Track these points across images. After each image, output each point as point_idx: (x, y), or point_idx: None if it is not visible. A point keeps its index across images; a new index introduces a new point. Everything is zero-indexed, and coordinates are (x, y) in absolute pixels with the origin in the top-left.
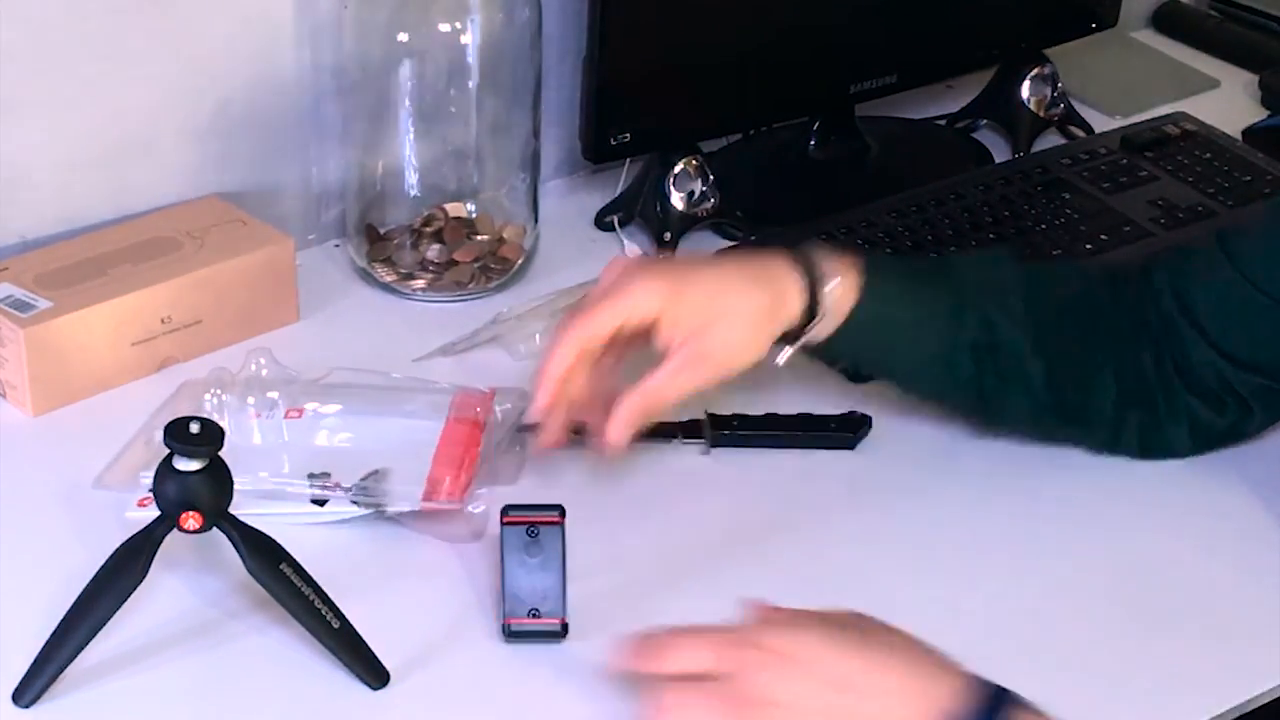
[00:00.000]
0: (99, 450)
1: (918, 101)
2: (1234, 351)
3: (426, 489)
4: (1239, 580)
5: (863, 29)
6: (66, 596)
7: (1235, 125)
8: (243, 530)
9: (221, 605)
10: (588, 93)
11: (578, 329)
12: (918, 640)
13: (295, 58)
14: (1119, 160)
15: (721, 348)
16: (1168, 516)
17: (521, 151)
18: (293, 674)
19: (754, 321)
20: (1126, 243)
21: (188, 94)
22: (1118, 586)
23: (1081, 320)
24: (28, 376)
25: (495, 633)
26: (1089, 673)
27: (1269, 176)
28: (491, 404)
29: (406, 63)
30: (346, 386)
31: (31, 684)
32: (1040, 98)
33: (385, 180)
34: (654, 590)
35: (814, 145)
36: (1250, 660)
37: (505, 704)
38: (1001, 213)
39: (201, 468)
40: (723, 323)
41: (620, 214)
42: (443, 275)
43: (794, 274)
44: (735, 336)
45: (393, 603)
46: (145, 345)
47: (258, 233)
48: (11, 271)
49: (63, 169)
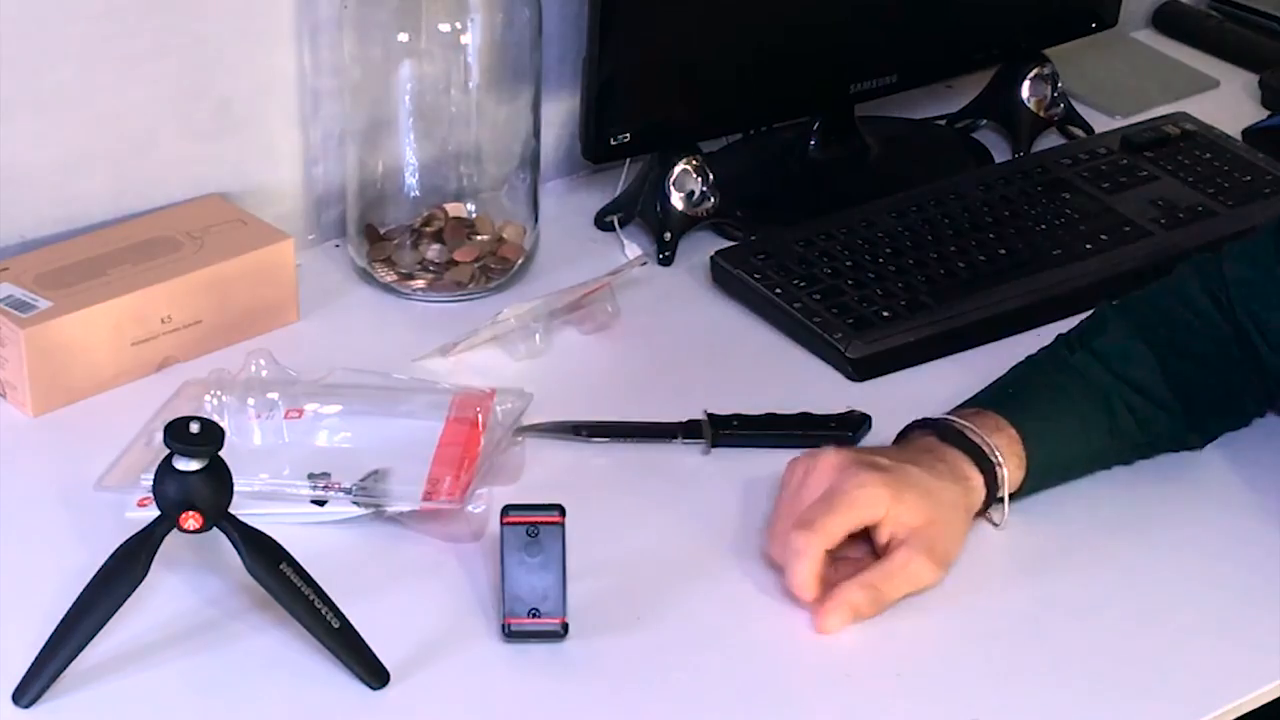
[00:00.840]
0: (99, 450)
1: (918, 101)
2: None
3: (426, 489)
4: (1238, 580)
5: (863, 29)
6: (66, 596)
7: (1235, 125)
8: (243, 530)
9: (221, 605)
10: (588, 93)
11: (818, 539)
12: None
13: (295, 58)
14: (1119, 160)
15: (943, 541)
16: (1167, 516)
17: (521, 151)
18: (293, 674)
19: (960, 515)
20: (1126, 243)
21: (188, 94)
22: (1116, 586)
23: (1212, 361)
24: (28, 376)
25: (495, 633)
26: (1088, 672)
27: (1269, 176)
28: (491, 404)
29: (406, 63)
30: (346, 387)
31: (32, 684)
32: (1040, 98)
33: (385, 180)
34: (654, 590)
35: (814, 145)
36: (1249, 660)
37: (505, 704)
38: (1001, 213)
39: (201, 468)
40: (940, 520)
41: (620, 214)
42: (443, 275)
43: (970, 464)
44: (952, 530)
45: (393, 603)
46: (145, 345)
47: (258, 233)
48: (11, 271)
49: (63, 169)
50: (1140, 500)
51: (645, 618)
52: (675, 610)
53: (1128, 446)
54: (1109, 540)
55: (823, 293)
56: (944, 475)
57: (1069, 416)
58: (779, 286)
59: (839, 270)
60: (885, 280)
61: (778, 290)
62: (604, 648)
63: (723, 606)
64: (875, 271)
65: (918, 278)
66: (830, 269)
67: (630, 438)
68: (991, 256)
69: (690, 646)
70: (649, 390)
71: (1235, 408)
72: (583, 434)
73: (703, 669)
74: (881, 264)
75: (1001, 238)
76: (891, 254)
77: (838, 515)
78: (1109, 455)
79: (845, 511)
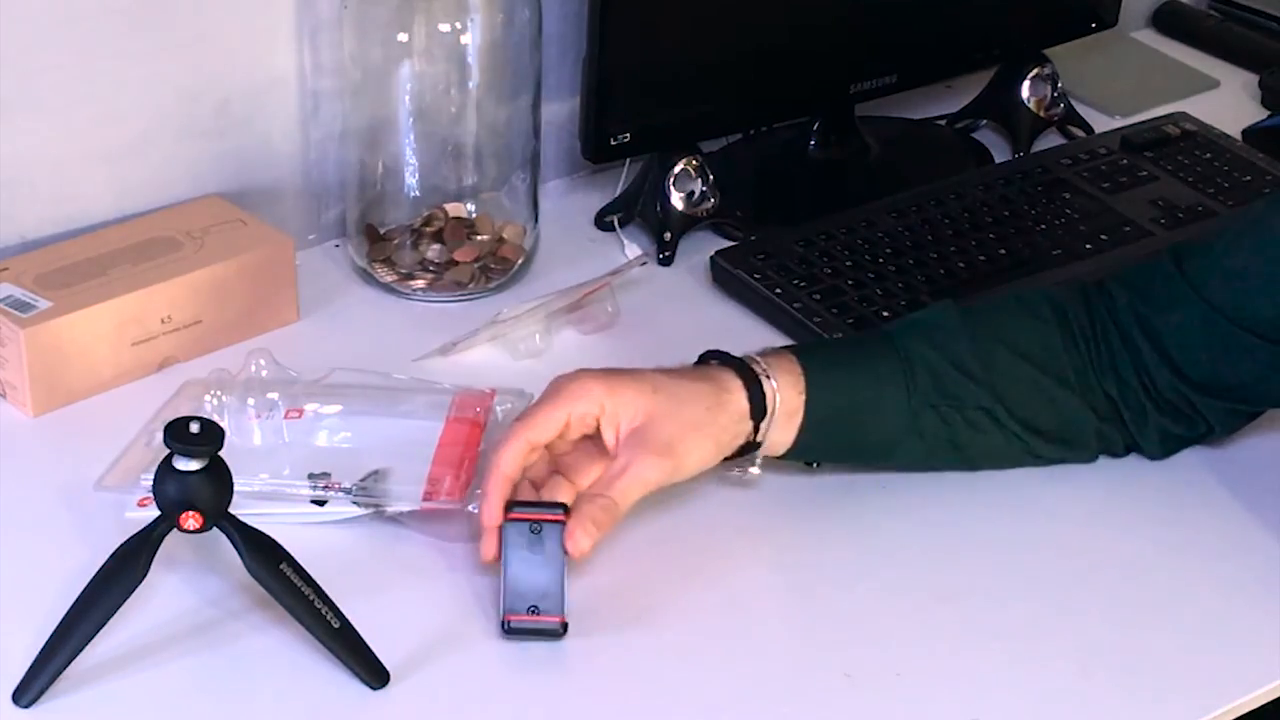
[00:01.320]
0: (99, 450)
1: (918, 101)
2: (1197, 377)
3: (426, 489)
4: (1237, 580)
5: (863, 29)
6: (66, 596)
7: (1235, 125)
8: (243, 530)
9: (221, 605)
10: (588, 93)
11: (523, 431)
12: None
13: (295, 58)
14: (1119, 160)
15: (666, 433)
16: (1165, 516)
17: (521, 151)
18: (293, 674)
19: (698, 411)
20: (1126, 243)
21: (188, 94)
22: (1115, 586)
23: (1035, 358)
24: (28, 376)
25: (495, 632)
26: (1087, 673)
27: (1269, 176)
28: (491, 404)
29: (406, 63)
30: (347, 387)
31: (32, 684)
32: (1040, 98)
33: (385, 180)
34: (654, 590)
35: (814, 145)
36: (1249, 660)
37: (505, 704)
38: (1001, 213)
39: (201, 468)
40: (664, 414)
41: (620, 214)
42: (443, 275)
43: (730, 372)
44: (681, 421)
45: (393, 603)
46: (145, 345)
47: (258, 233)
48: (11, 271)
49: (63, 169)
50: (1140, 499)
51: (645, 618)
52: (675, 610)
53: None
54: (1109, 540)
55: (823, 293)
56: (693, 378)
57: (863, 364)
58: (779, 286)
59: (839, 270)
60: (885, 280)
61: (778, 290)
62: (603, 647)
63: (723, 606)
64: (875, 271)
65: (918, 278)
66: (830, 269)
67: None
68: (991, 256)
69: (690, 646)
70: None
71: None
72: None
73: (702, 669)
74: (881, 264)
75: (1001, 238)
76: (891, 254)
77: (545, 406)
78: (907, 416)
79: (553, 402)
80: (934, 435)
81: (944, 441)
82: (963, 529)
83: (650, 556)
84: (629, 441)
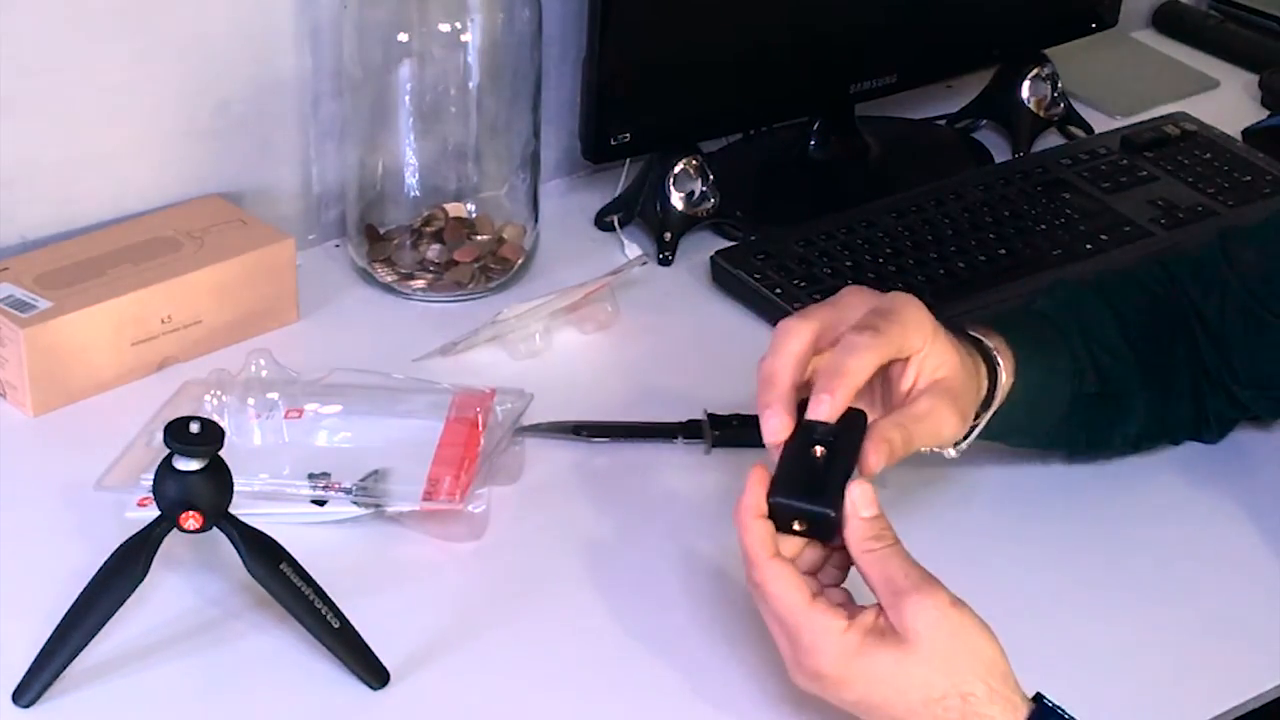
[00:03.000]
0: (99, 450)
1: (918, 101)
2: (1237, 363)
3: (426, 489)
4: (1238, 580)
5: (863, 29)
6: (66, 596)
7: (1235, 125)
8: (243, 530)
9: (221, 605)
10: (588, 93)
11: (875, 345)
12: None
13: (295, 58)
14: (1119, 160)
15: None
16: (1166, 516)
17: (521, 151)
18: (293, 674)
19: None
20: (1126, 243)
21: (188, 94)
22: (1116, 586)
23: (1161, 333)
24: (28, 376)
25: (494, 632)
26: (1088, 673)
27: (1269, 176)
28: (491, 404)
29: (406, 63)
30: (346, 387)
31: (32, 684)
32: (1040, 98)
33: (385, 180)
34: (654, 590)
35: (814, 145)
36: (1250, 660)
37: (505, 704)
38: (1001, 213)
39: (201, 468)
40: (965, 381)
41: (620, 214)
42: (443, 275)
43: (978, 355)
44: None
45: (393, 603)
46: (145, 345)
47: (258, 233)
48: (11, 271)
49: (63, 169)
50: (1141, 499)
51: (645, 618)
52: (675, 610)
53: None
54: (1109, 540)
55: (823, 293)
56: (967, 350)
57: (1045, 359)
58: (779, 286)
59: (839, 270)
60: (885, 280)
61: (778, 290)
62: (603, 647)
63: (724, 607)
64: (875, 271)
65: (918, 278)
66: (830, 269)
67: (630, 438)
68: (991, 256)
69: (690, 647)
70: (649, 390)
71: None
72: (583, 434)
73: (703, 669)
74: (881, 264)
75: (1001, 238)
76: (891, 254)
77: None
78: (1068, 408)
79: (896, 322)
80: (1076, 423)
81: (1080, 430)
82: (962, 527)
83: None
84: (936, 390)
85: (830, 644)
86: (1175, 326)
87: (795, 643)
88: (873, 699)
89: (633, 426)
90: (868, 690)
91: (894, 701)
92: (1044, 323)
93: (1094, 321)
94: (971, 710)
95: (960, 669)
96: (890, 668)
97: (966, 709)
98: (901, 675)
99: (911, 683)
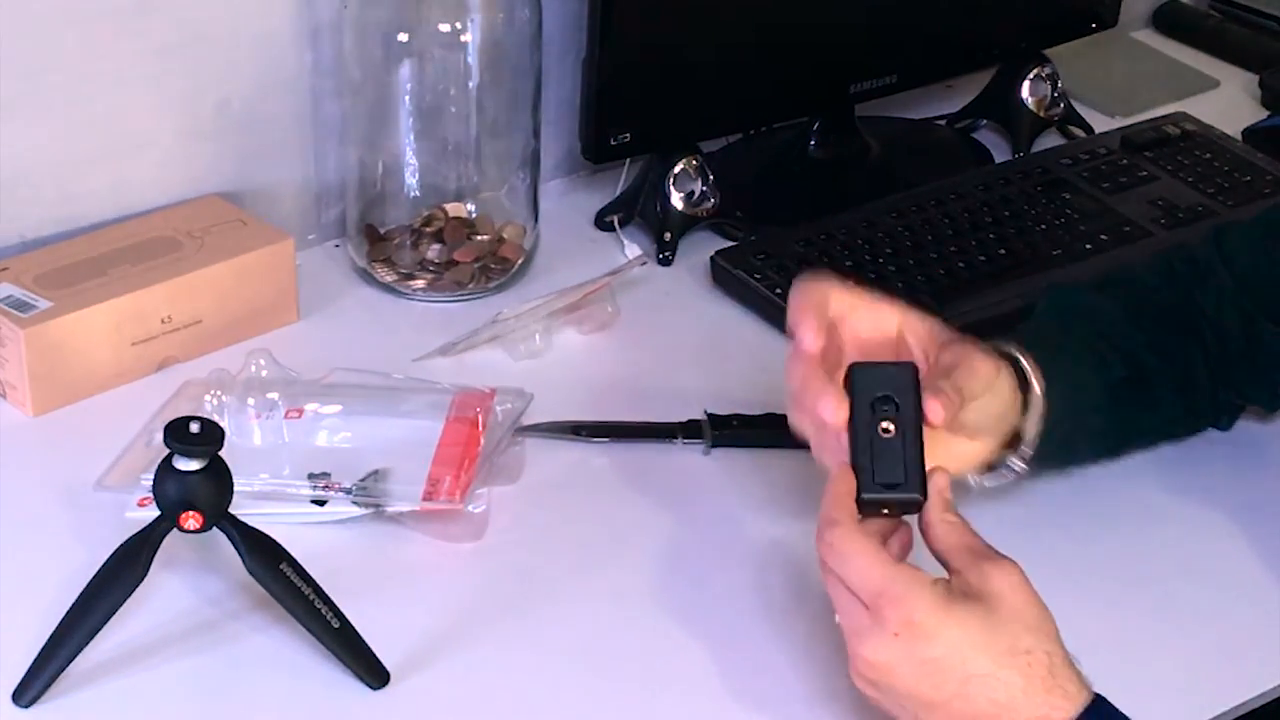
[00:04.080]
0: (99, 450)
1: (918, 101)
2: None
3: (426, 489)
4: (1239, 580)
5: (863, 29)
6: (66, 596)
7: (1235, 125)
8: (243, 530)
9: (221, 605)
10: (588, 93)
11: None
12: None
13: (295, 58)
14: (1119, 160)
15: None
16: (1167, 516)
17: (521, 151)
18: (293, 674)
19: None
20: (1126, 243)
21: (188, 94)
22: (1116, 586)
23: (1168, 322)
24: (28, 376)
25: (494, 632)
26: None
27: (1269, 176)
28: (491, 404)
29: (406, 63)
30: (346, 387)
31: (32, 684)
32: (1040, 98)
33: (385, 180)
34: (654, 590)
35: (814, 145)
36: (1250, 660)
37: (505, 704)
38: (1001, 213)
39: (201, 468)
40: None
41: (620, 214)
42: (443, 275)
43: (1007, 366)
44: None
45: (393, 603)
46: (145, 345)
47: (258, 233)
48: (11, 271)
49: (63, 169)
50: (1142, 498)
51: (645, 618)
52: (675, 610)
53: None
54: (1109, 539)
55: None
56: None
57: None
58: (779, 286)
59: (839, 270)
60: (885, 280)
61: (778, 290)
62: (603, 648)
63: (723, 607)
64: (875, 271)
65: (917, 278)
66: (830, 269)
67: (630, 438)
68: (991, 256)
69: (690, 647)
70: (649, 390)
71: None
72: (583, 434)
73: (703, 669)
74: (881, 264)
75: (1001, 238)
76: (891, 254)
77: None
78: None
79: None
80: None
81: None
82: None
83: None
84: (953, 343)
85: (923, 592)
86: (1179, 316)
87: (882, 595)
88: (962, 649)
89: (632, 426)
90: (958, 639)
91: (981, 650)
92: (1050, 325)
93: (1100, 315)
94: (1055, 666)
95: (1042, 630)
96: (981, 618)
97: (1052, 664)
98: (990, 627)
99: (1000, 634)
